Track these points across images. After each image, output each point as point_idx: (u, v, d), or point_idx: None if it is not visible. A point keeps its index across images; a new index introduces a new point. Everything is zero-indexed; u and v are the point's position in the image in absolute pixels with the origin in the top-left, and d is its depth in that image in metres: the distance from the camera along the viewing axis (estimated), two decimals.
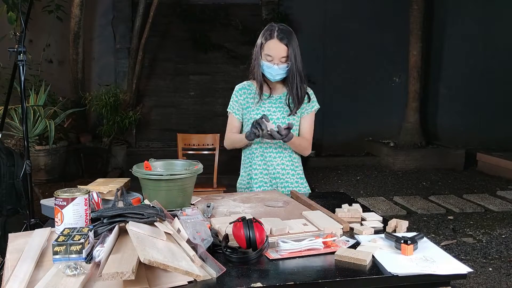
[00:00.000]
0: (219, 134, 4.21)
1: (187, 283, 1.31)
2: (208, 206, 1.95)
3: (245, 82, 2.46)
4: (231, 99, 2.46)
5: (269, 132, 2.14)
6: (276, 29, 2.24)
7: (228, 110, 2.46)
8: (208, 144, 4.24)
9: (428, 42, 7.55)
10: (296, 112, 2.35)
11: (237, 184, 2.55)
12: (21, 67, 2.72)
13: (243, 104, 2.42)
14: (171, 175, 1.89)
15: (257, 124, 2.15)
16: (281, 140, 2.20)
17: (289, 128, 2.16)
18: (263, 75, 2.32)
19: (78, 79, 6.47)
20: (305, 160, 7.80)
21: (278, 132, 2.14)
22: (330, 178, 6.48)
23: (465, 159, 7.01)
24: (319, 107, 2.43)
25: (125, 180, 2.14)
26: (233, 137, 2.43)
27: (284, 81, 2.35)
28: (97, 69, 6.99)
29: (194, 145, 4.27)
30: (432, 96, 7.87)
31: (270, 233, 1.68)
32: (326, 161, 7.23)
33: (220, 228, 1.67)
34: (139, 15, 6.52)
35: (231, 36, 7.24)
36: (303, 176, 2.50)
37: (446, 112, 7.86)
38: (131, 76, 6.67)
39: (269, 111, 2.37)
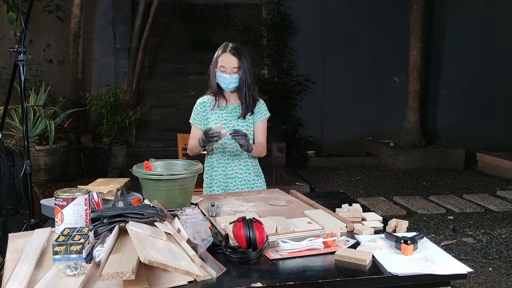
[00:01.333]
0: None
1: (187, 283, 1.31)
2: (213, 205, 1.96)
3: (205, 97, 2.77)
4: (193, 112, 2.75)
5: (231, 132, 2.40)
6: (229, 45, 2.61)
7: (190, 121, 2.76)
8: None
9: (428, 42, 7.55)
10: (244, 116, 2.66)
11: (203, 185, 2.79)
12: (21, 67, 2.72)
13: (203, 115, 2.72)
14: (171, 175, 1.89)
15: (209, 137, 2.40)
16: (244, 151, 2.52)
17: (244, 134, 2.43)
18: (219, 86, 2.65)
19: (78, 79, 6.47)
20: (305, 160, 7.77)
21: (237, 131, 2.41)
22: (330, 178, 6.48)
23: (465, 159, 7.01)
24: (269, 115, 2.76)
25: (125, 180, 2.14)
26: (194, 144, 2.68)
27: (237, 92, 2.66)
28: (97, 69, 6.99)
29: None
30: (432, 96, 7.87)
31: (276, 231, 1.69)
32: (326, 161, 7.23)
33: (226, 227, 1.68)
34: (139, 15, 6.52)
35: (231, 36, 7.23)
36: (261, 174, 2.79)
37: (446, 112, 7.86)
38: (131, 76, 6.67)
39: (225, 118, 2.67)
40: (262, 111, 2.73)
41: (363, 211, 1.95)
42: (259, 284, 1.32)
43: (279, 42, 7.13)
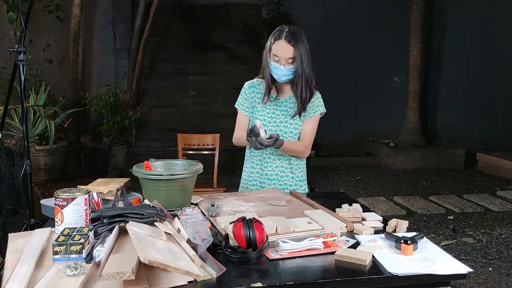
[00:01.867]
0: (219, 134, 4.22)
1: (187, 283, 1.31)
2: (213, 205, 1.96)
3: (254, 80, 2.47)
4: (239, 96, 2.47)
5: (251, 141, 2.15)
6: (286, 30, 2.25)
7: (236, 106, 2.47)
8: (208, 144, 4.24)
9: (428, 42, 7.55)
10: (300, 116, 2.37)
11: (240, 183, 2.58)
12: (21, 67, 2.72)
13: (251, 102, 2.43)
14: (171, 175, 1.89)
15: (251, 132, 2.15)
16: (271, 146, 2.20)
17: (274, 138, 2.15)
18: (271, 75, 2.32)
19: (78, 79, 6.47)
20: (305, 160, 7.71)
21: (260, 142, 2.12)
22: (330, 178, 6.48)
23: (465, 159, 7.01)
24: (325, 111, 2.43)
25: (125, 180, 2.14)
26: (239, 135, 2.43)
27: (291, 84, 2.36)
28: (97, 69, 6.99)
29: (194, 145, 4.26)
30: (432, 96, 7.87)
31: (276, 231, 1.69)
32: (326, 161, 7.23)
33: (226, 227, 1.67)
34: (139, 15, 6.52)
35: (231, 36, 7.24)
36: (303, 178, 2.51)
37: (446, 112, 7.86)
38: (131, 76, 6.67)
39: (273, 113, 2.39)
40: (315, 105, 2.39)
41: (363, 211, 1.95)
42: (259, 284, 1.32)
43: None
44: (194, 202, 2.06)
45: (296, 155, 2.43)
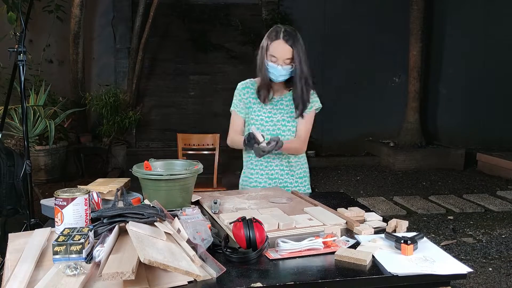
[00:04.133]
0: (219, 134, 4.21)
1: (187, 283, 1.31)
2: (215, 203, 1.96)
3: (247, 81, 2.45)
4: (234, 98, 2.45)
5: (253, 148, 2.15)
6: (282, 30, 2.23)
7: (231, 109, 2.46)
8: (208, 144, 4.24)
9: (428, 42, 7.55)
10: (302, 116, 2.35)
11: (240, 182, 2.57)
12: (21, 67, 2.72)
13: (246, 103, 2.41)
14: (171, 175, 1.89)
15: (250, 139, 2.15)
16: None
17: (275, 141, 2.14)
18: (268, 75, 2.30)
19: (78, 79, 6.47)
20: None
21: (262, 150, 2.12)
22: (330, 178, 6.48)
23: (465, 159, 7.01)
24: (320, 106, 2.42)
25: (125, 180, 2.14)
26: (235, 138, 2.42)
27: (286, 83, 2.35)
28: (97, 69, 6.99)
29: (194, 145, 4.27)
30: (432, 96, 7.88)
31: (278, 227, 1.70)
32: (326, 161, 7.23)
33: (230, 224, 1.68)
34: (139, 15, 6.52)
35: (231, 36, 7.24)
36: (304, 176, 2.50)
37: (446, 112, 7.86)
38: (131, 76, 6.67)
39: (270, 112, 2.38)
40: (311, 101, 2.37)
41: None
42: (259, 284, 1.32)
43: None
44: (193, 201, 2.06)
45: (293, 153, 2.42)
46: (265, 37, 2.29)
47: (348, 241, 1.64)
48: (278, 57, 2.22)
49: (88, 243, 1.42)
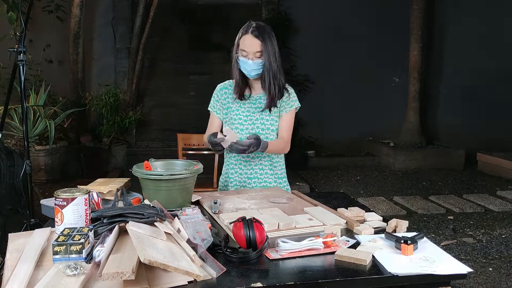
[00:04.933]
0: None
1: (187, 283, 1.31)
2: (215, 203, 1.96)
3: (226, 82, 2.50)
4: (212, 98, 2.51)
5: (228, 147, 2.13)
6: (252, 25, 2.28)
7: (209, 109, 2.52)
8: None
9: (428, 42, 7.55)
10: (270, 110, 2.36)
11: (219, 182, 2.58)
12: (21, 67, 2.72)
13: (224, 104, 2.46)
14: (171, 175, 1.89)
15: (215, 144, 2.15)
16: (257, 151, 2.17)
17: (256, 138, 2.13)
18: (242, 72, 2.33)
19: (78, 79, 6.47)
20: (305, 160, 7.75)
21: (240, 144, 2.10)
22: (330, 178, 6.48)
23: (465, 159, 7.01)
24: (299, 106, 2.43)
25: (125, 180, 2.14)
26: (206, 139, 2.41)
27: (261, 79, 2.36)
28: (97, 69, 6.99)
29: (194, 145, 4.26)
30: (432, 96, 7.88)
31: (278, 227, 1.70)
32: (326, 161, 7.23)
33: (230, 224, 1.68)
34: (139, 15, 6.52)
35: (231, 36, 7.20)
36: (283, 175, 2.51)
37: (446, 112, 7.86)
38: (131, 76, 6.67)
39: (248, 111, 2.40)
40: (291, 100, 2.39)
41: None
42: (259, 284, 1.32)
43: (279, 42, 7.13)
44: (193, 201, 2.06)
45: (278, 153, 2.44)
46: (238, 34, 2.34)
47: (348, 241, 1.64)
48: (248, 51, 2.25)
49: (88, 243, 1.42)
